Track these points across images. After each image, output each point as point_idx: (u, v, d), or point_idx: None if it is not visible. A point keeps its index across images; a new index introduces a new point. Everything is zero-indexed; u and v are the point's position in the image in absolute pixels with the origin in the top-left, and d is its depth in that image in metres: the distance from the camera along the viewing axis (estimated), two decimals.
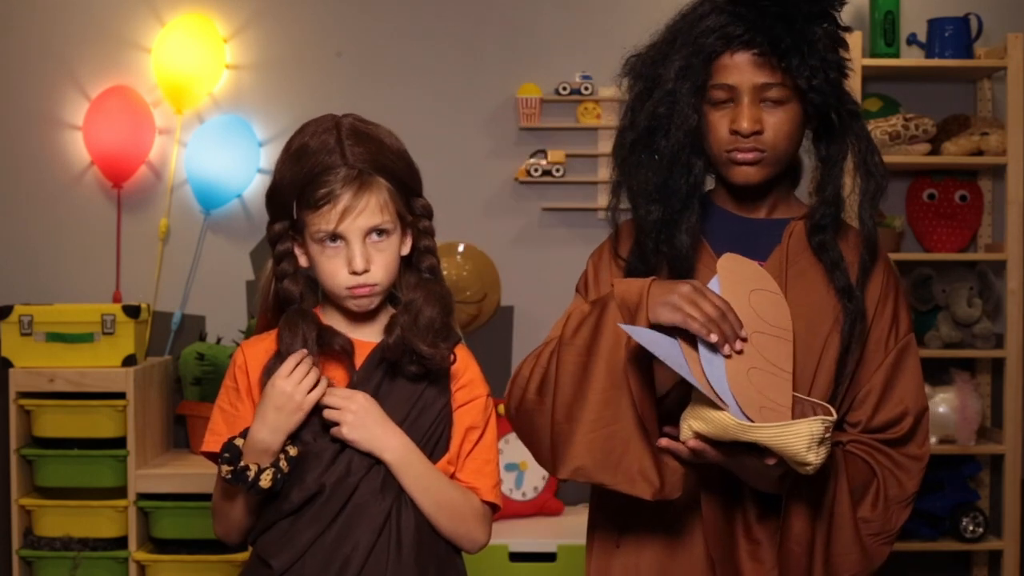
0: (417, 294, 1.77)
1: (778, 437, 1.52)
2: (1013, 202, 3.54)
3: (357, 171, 1.71)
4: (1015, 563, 3.58)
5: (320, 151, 1.72)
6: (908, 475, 1.75)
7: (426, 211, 1.81)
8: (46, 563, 3.50)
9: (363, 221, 1.71)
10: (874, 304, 1.76)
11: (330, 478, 1.73)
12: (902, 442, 1.75)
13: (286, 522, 1.74)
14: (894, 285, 1.79)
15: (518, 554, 3.40)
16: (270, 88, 3.86)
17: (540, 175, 3.80)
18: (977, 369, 3.78)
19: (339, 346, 1.76)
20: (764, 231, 1.78)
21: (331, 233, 1.71)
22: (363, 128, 1.77)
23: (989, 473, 3.79)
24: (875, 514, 1.72)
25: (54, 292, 3.80)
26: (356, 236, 1.71)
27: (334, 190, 1.70)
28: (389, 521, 1.74)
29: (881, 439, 1.75)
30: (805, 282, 1.75)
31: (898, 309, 1.78)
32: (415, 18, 3.87)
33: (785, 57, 1.65)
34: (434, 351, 1.74)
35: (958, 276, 3.69)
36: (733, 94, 1.70)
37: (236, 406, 1.79)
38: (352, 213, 1.70)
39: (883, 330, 1.76)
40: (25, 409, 3.52)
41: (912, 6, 3.74)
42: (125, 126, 3.75)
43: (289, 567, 1.72)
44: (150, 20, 3.84)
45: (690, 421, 1.58)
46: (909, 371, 1.77)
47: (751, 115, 1.69)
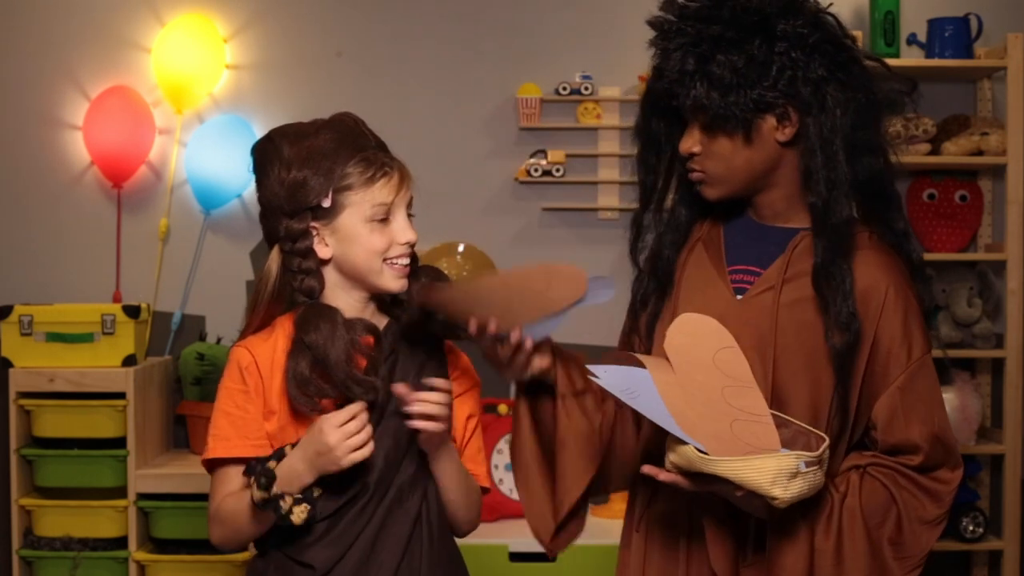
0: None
1: (739, 471, 1.53)
2: (1013, 202, 3.54)
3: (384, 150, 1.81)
4: (1015, 563, 3.58)
5: (346, 138, 1.76)
6: (933, 499, 1.71)
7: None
8: (46, 563, 3.50)
9: (406, 194, 1.80)
10: (875, 321, 1.70)
11: (372, 477, 1.74)
12: (928, 469, 1.72)
13: (323, 524, 1.74)
14: (903, 302, 1.72)
15: (518, 554, 3.39)
16: (270, 88, 3.86)
17: (540, 175, 3.80)
18: (977, 369, 3.78)
19: (366, 328, 1.77)
20: (773, 240, 1.77)
21: (391, 203, 1.76)
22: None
23: (989, 473, 3.79)
24: (900, 537, 1.69)
25: (54, 292, 3.80)
26: (403, 210, 1.79)
27: (387, 162, 1.77)
28: (421, 513, 1.78)
29: (904, 463, 1.71)
30: (802, 298, 1.72)
31: (909, 326, 1.72)
32: (415, 18, 3.87)
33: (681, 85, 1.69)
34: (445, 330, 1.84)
35: (958, 276, 3.69)
36: (687, 118, 1.76)
37: (246, 408, 1.76)
38: (406, 184, 1.78)
39: (889, 349, 1.71)
40: (25, 409, 3.52)
41: (912, 6, 3.74)
42: (125, 126, 3.75)
43: (333, 566, 1.73)
44: (150, 20, 3.84)
45: (668, 453, 1.60)
46: (923, 395, 1.73)
47: (688, 138, 1.74)
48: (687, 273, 1.81)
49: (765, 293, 1.73)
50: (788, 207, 1.78)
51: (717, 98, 1.66)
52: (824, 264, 1.69)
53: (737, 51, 1.65)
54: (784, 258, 1.74)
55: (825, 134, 1.69)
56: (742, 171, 1.74)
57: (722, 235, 1.82)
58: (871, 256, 1.73)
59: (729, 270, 1.78)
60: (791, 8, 1.69)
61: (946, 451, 1.73)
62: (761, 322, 1.71)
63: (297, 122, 1.83)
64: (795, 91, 1.68)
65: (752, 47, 1.66)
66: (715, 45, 1.66)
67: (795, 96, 1.68)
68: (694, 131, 1.73)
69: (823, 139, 1.69)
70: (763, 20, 1.67)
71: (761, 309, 1.72)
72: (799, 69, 1.67)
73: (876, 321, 1.70)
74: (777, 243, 1.76)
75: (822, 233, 1.70)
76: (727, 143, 1.71)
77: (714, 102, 1.66)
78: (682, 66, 1.67)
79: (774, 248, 1.76)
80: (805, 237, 1.75)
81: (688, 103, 1.69)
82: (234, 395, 1.77)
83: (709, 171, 1.74)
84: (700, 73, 1.66)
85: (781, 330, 1.70)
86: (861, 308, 1.68)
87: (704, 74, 1.66)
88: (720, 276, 1.77)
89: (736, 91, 1.66)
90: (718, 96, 1.66)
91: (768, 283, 1.73)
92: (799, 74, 1.67)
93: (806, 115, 1.69)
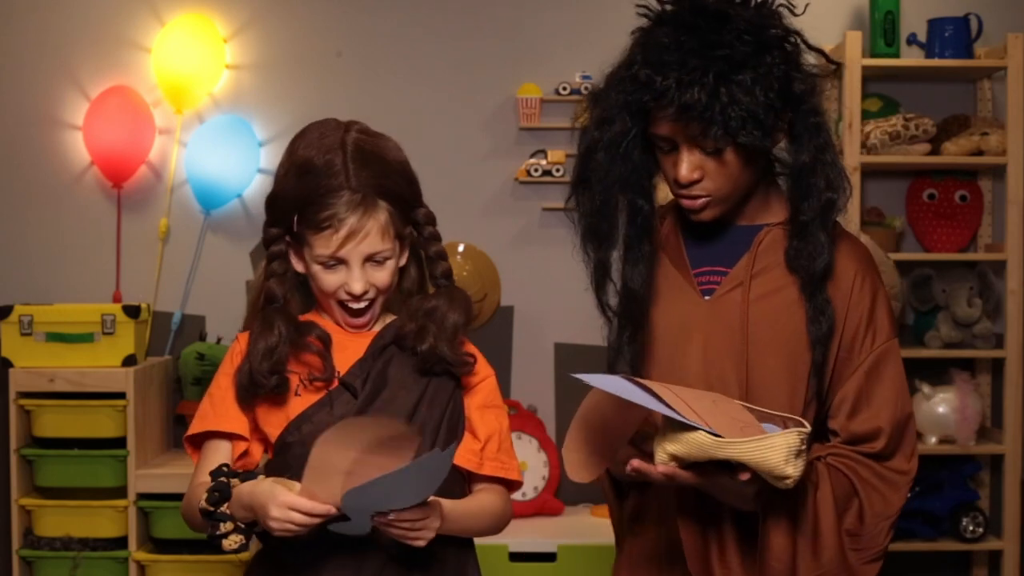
0: (440, 301, 1.80)
1: (755, 451, 1.52)
2: (1013, 202, 3.54)
3: (361, 196, 1.72)
4: (1015, 563, 3.58)
5: (325, 172, 1.73)
6: (893, 489, 1.71)
7: (428, 219, 1.83)
8: (46, 563, 3.50)
9: (365, 247, 1.73)
10: (844, 308, 1.71)
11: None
12: (885, 456, 1.72)
13: None
14: (871, 289, 1.73)
15: (518, 554, 3.40)
16: (270, 88, 3.86)
17: (540, 175, 3.80)
18: (977, 369, 3.78)
19: (316, 335, 1.77)
20: (739, 237, 1.76)
21: (331, 255, 1.73)
22: (369, 146, 1.77)
23: (989, 473, 3.79)
24: (860, 528, 1.69)
25: (54, 292, 3.80)
26: (357, 261, 1.74)
27: (338, 214, 1.71)
28: None
29: (863, 451, 1.71)
30: (771, 291, 1.72)
31: (875, 312, 1.73)
32: (415, 18, 3.87)
33: (704, 118, 1.60)
34: (457, 357, 1.78)
35: (958, 276, 3.69)
36: (672, 144, 1.68)
37: (228, 388, 1.78)
38: (354, 239, 1.72)
39: (855, 334, 1.72)
40: (25, 409, 3.52)
41: (912, 6, 3.74)
42: (125, 126, 3.75)
43: (315, 557, 1.72)
44: (150, 20, 3.84)
45: (664, 445, 1.58)
46: (887, 380, 1.72)
47: (688, 165, 1.67)
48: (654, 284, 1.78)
49: (734, 291, 1.73)
50: (761, 206, 1.77)
51: (748, 123, 1.60)
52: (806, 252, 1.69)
53: (751, 70, 1.60)
54: (751, 254, 1.74)
55: (811, 129, 1.68)
56: (744, 187, 1.72)
57: (681, 240, 1.80)
58: (838, 242, 1.73)
59: (694, 272, 1.77)
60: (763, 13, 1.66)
61: (905, 438, 1.73)
62: (732, 319, 1.71)
63: (321, 122, 1.81)
64: (791, 95, 1.65)
65: (762, 62, 1.61)
66: (733, 67, 1.60)
67: (791, 100, 1.66)
68: (692, 156, 1.66)
69: (815, 128, 1.68)
70: (758, 29, 1.63)
71: (731, 306, 1.72)
72: (792, 72, 1.65)
73: (846, 305, 1.71)
74: (742, 240, 1.76)
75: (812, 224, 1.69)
76: (735, 163, 1.66)
77: (746, 127, 1.60)
78: (705, 95, 1.59)
79: (739, 246, 1.76)
80: (769, 232, 1.75)
81: (717, 132, 1.60)
82: (220, 379, 1.80)
83: (715, 193, 1.69)
84: (726, 100, 1.59)
85: (754, 323, 1.70)
86: (831, 293, 1.70)
87: (731, 100, 1.59)
88: (686, 279, 1.77)
89: (764, 113, 1.61)
90: (749, 120, 1.60)
91: (736, 280, 1.73)
92: (793, 75, 1.65)
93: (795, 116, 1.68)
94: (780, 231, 1.74)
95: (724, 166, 1.67)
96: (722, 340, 1.70)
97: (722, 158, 1.66)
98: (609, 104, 1.70)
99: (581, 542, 3.43)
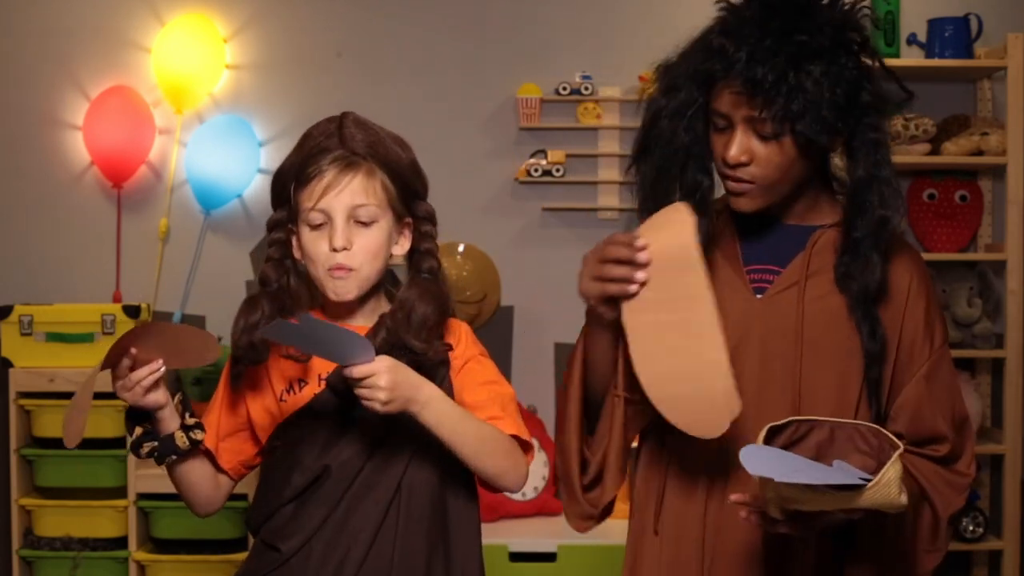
0: (411, 292, 1.77)
1: (877, 495, 1.48)
2: (1013, 202, 3.54)
3: (350, 152, 1.74)
4: (1015, 563, 3.58)
5: (320, 135, 1.76)
6: (956, 492, 1.72)
7: (429, 215, 1.82)
8: (46, 563, 3.50)
9: (346, 198, 1.73)
10: (899, 316, 1.71)
11: (335, 459, 1.73)
12: (950, 460, 1.72)
13: (291, 507, 1.75)
14: (925, 295, 1.73)
15: (518, 554, 3.40)
16: (270, 88, 3.86)
17: (540, 175, 3.80)
18: (977, 369, 3.78)
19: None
20: (789, 236, 1.75)
21: (313, 208, 1.72)
22: (368, 122, 1.80)
23: (989, 473, 3.79)
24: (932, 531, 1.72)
25: (54, 292, 3.80)
26: (339, 214, 1.73)
27: (321, 166, 1.73)
28: (397, 497, 1.74)
29: (928, 455, 1.71)
30: (826, 293, 1.71)
31: (931, 318, 1.73)
32: (415, 18, 3.87)
33: (768, 97, 1.60)
34: (426, 347, 1.74)
35: (958, 276, 3.69)
36: (728, 121, 1.67)
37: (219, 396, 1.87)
38: (334, 189, 1.72)
39: (912, 340, 1.71)
40: (25, 409, 3.52)
41: (912, 6, 3.74)
42: (125, 126, 3.75)
43: (298, 550, 1.73)
44: (150, 20, 3.85)
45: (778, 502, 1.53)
46: (945, 385, 1.73)
47: (739, 146, 1.65)
48: None
49: (788, 290, 1.72)
50: (810, 207, 1.76)
51: (809, 112, 1.59)
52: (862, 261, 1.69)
53: (824, 63, 1.61)
54: (805, 254, 1.73)
55: (869, 144, 1.68)
56: (792, 181, 1.70)
57: (736, 236, 1.79)
58: (892, 253, 1.72)
59: (746, 270, 1.76)
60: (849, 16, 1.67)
61: (967, 443, 1.75)
62: (786, 319, 1.70)
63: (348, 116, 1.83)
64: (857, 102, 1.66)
65: (836, 59, 1.62)
66: (807, 55, 1.60)
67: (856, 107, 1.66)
68: (745, 138, 1.65)
69: (874, 144, 1.69)
70: (840, 29, 1.64)
71: (785, 307, 1.71)
72: (863, 81, 1.66)
73: (902, 312, 1.71)
74: (792, 239, 1.75)
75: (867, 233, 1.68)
76: (789, 153, 1.65)
77: (806, 116, 1.59)
78: (773, 75, 1.58)
79: (793, 245, 1.74)
80: (824, 232, 1.74)
81: (777, 112, 1.60)
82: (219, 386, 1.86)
83: (760, 180, 1.67)
84: (793, 83, 1.59)
85: (809, 324, 1.69)
86: (887, 304, 1.70)
87: (798, 86, 1.59)
88: (738, 276, 1.75)
89: (828, 108, 1.61)
90: (810, 110, 1.59)
91: (791, 280, 1.72)
92: (863, 84, 1.66)
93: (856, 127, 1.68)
94: (835, 232, 1.73)
95: (777, 154, 1.65)
96: (773, 339, 1.69)
97: (778, 145, 1.64)
98: (678, 73, 1.69)
99: (581, 542, 3.41)
